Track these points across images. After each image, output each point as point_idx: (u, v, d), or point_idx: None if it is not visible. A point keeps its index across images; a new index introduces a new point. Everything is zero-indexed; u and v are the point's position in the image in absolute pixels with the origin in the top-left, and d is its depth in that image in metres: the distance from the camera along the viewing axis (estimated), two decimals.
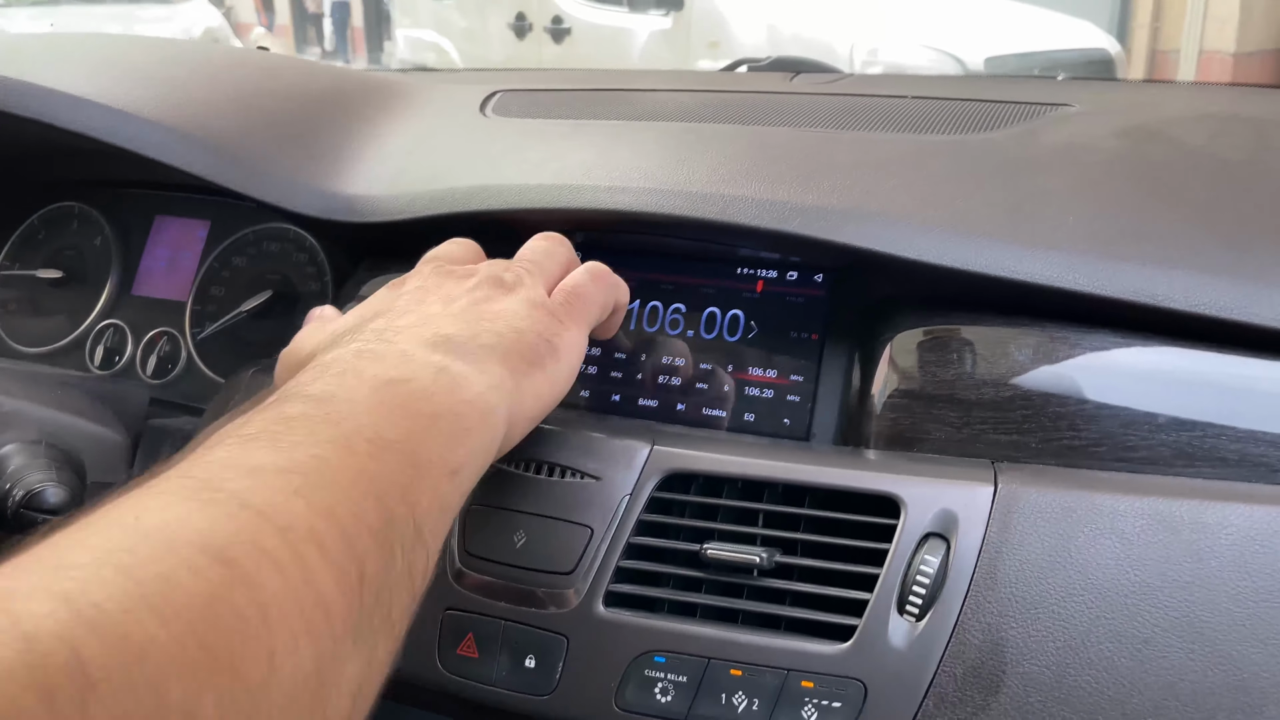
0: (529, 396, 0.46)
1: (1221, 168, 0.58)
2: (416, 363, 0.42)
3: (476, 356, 0.44)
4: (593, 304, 0.52)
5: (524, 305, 0.49)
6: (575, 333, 0.50)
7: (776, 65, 1.00)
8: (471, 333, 0.46)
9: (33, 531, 0.53)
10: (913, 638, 0.46)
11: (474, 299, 0.49)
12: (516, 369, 0.46)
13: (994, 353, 0.54)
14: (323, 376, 0.41)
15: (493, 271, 0.51)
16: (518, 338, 0.47)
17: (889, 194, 0.57)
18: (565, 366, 0.49)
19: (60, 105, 0.63)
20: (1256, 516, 0.44)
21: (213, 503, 0.32)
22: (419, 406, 0.40)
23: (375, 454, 0.37)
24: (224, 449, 0.35)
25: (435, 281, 0.51)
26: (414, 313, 0.47)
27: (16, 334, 0.86)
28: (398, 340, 0.44)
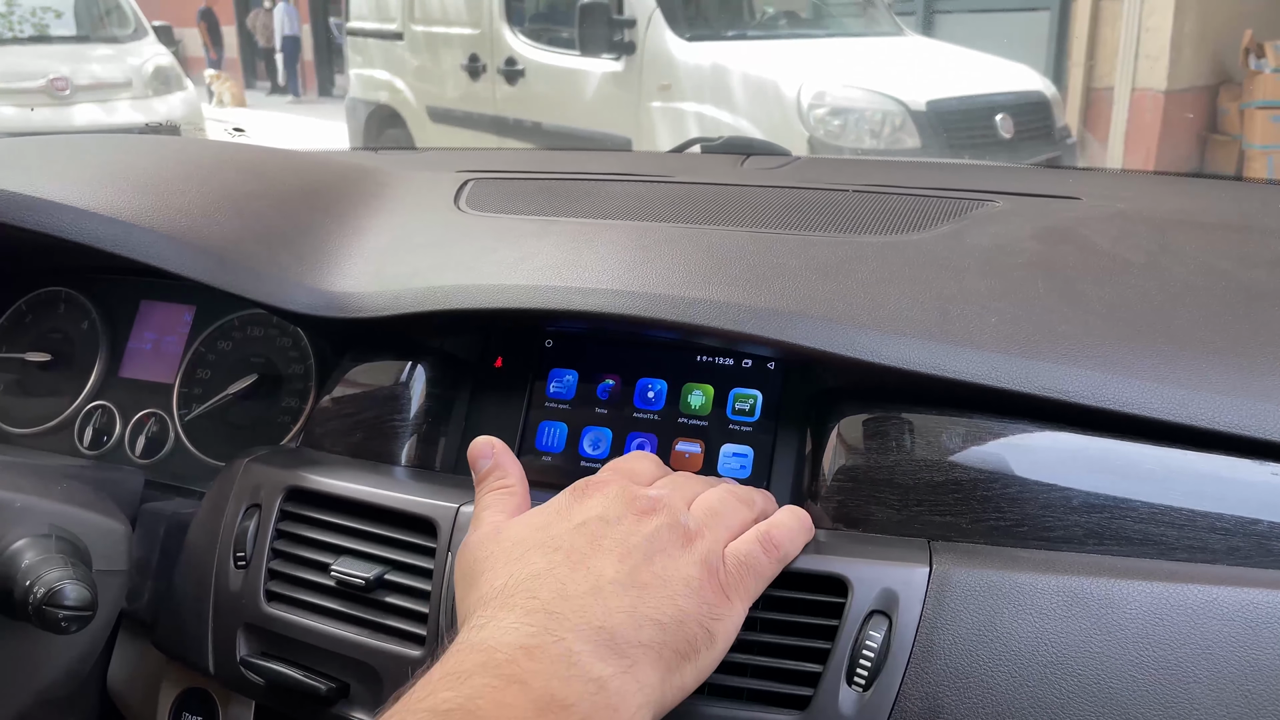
0: (673, 690, 0.48)
1: (1124, 269, 0.65)
2: (578, 679, 0.44)
3: (634, 662, 0.46)
4: (762, 579, 0.53)
5: (697, 569, 0.50)
6: (738, 612, 0.51)
7: (728, 147, 1.07)
8: (635, 620, 0.47)
9: (53, 626, 0.57)
10: (860, 706, 0.51)
11: (651, 549, 0.50)
12: (670, 665, 0.48)
13: (928, 440, 0.60)
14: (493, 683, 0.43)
15: (675, 517, 0.53)
16: (679, 628, 0.48)
17: (832, 297, 0.63)
18: (717, 653, 0.50)
19: (66, 218, 0.68)
20: (1156, 593, 0.51)
21: None
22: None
23: None
24: None
25: (618, 512, 0.52)
26: (585, 570, 0.49)
27: (6, 415, 0.89)
28: (564, 634, 0.46)
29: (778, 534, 0.55)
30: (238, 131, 3.13)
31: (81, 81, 5.98)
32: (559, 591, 0.48)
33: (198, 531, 0.69)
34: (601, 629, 0.47)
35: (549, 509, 0.54)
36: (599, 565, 0.49)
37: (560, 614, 0.47)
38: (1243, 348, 0.59)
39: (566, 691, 0.44)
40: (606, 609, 0.47)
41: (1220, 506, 0.55)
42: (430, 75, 4.89)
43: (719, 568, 0.52)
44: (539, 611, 0.47)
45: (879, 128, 3.59)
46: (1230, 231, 0.74)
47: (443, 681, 0.44)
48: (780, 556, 0.54)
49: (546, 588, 0.48)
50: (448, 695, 0.43)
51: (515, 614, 0.47)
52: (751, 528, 0.55)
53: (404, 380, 0.72)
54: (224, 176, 0.80)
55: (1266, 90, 4.65)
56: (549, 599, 0.48)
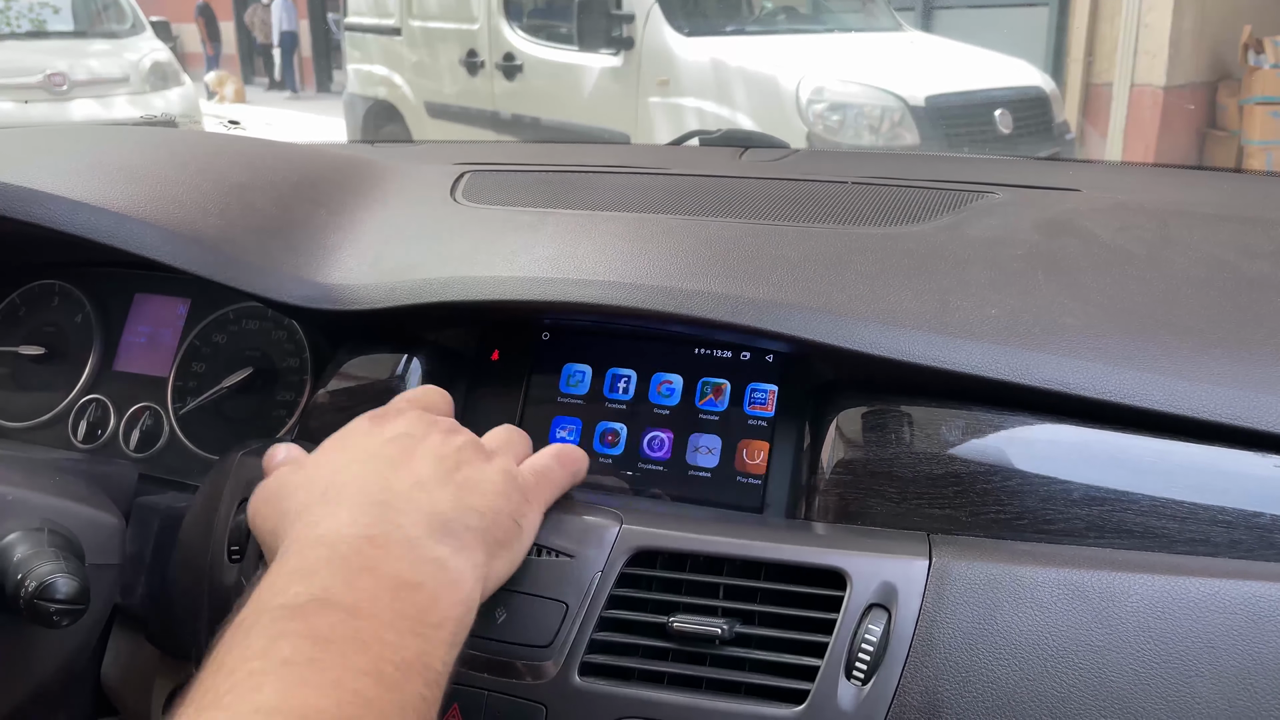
0: (494, 576, 0.52)
1: (1125, 261, 0.65)
2: (422, 558, 0.48)
3: (464, 542, 0.50)
4: (556, 486, 0.58)
5: (501, 477, 0.54)
6: (537, 513, 0.56)
7: (727, 139, 1.07)
8: (460, 510, 0.51)
9: (45, 620, 0.56)
10: (859, 700, 0.51)
11: (460, 460, 0.54)
12: (491, 550, 0.52)
13: (928, 433, 0.59)
14: (342, 572, 0.46)
15: (474, 438, 0.57)
16: (495, 518, 0.52)
17: (831, 289, 0.63)
18: (524, 545, 0.55)
19: (59, 209, 0.67)
20: (1158, 586, 0.50)
21: None
22: (428, 616, 0.46)
23: (402, 682, 0.43)
24: (270, 686, 0.40)
25: (422, 431, 0.56)
26: (406, 471, 0.52)
27: (0, 410, 0.89)
28: (402, 521, 0.49)
29: (569, 452, 0.60)
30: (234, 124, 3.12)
31: (79, 77, 5.97)
32: (385, 486, 0.51)
33: (192, 525, 0.69)
34: (433, 514, 0.50)
35: (348, 432, 0.57)
36: (416, 467, 0.53)
37: (392, 504, 0.50)
38: (1244, 339, 0.58)
39: (414, 572, 0.47)
40: (432, 499, 0.51)
41: (1222, 499, 0.54)
42: (428, 70, 4.88)
43: (518, 475, 0.56)
44: (372, 504, 0.50)
45: (878, 123, 3.59)
46: (1231, 223, 0.73)
47: (291, 578, 0.46)
48: (574, 470, 0.60)
49: (373, 485, 0.51)
50: (300, 589, 0.45)
51: (348, 508, 0.49)
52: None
53: (400, 373, 0.71)
54: (219, 168, 0.80)
55: (1265, 86, 4.65)
56: (377, 493, 0.50)
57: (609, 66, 4.12)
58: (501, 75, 4.51)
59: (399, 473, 0.52)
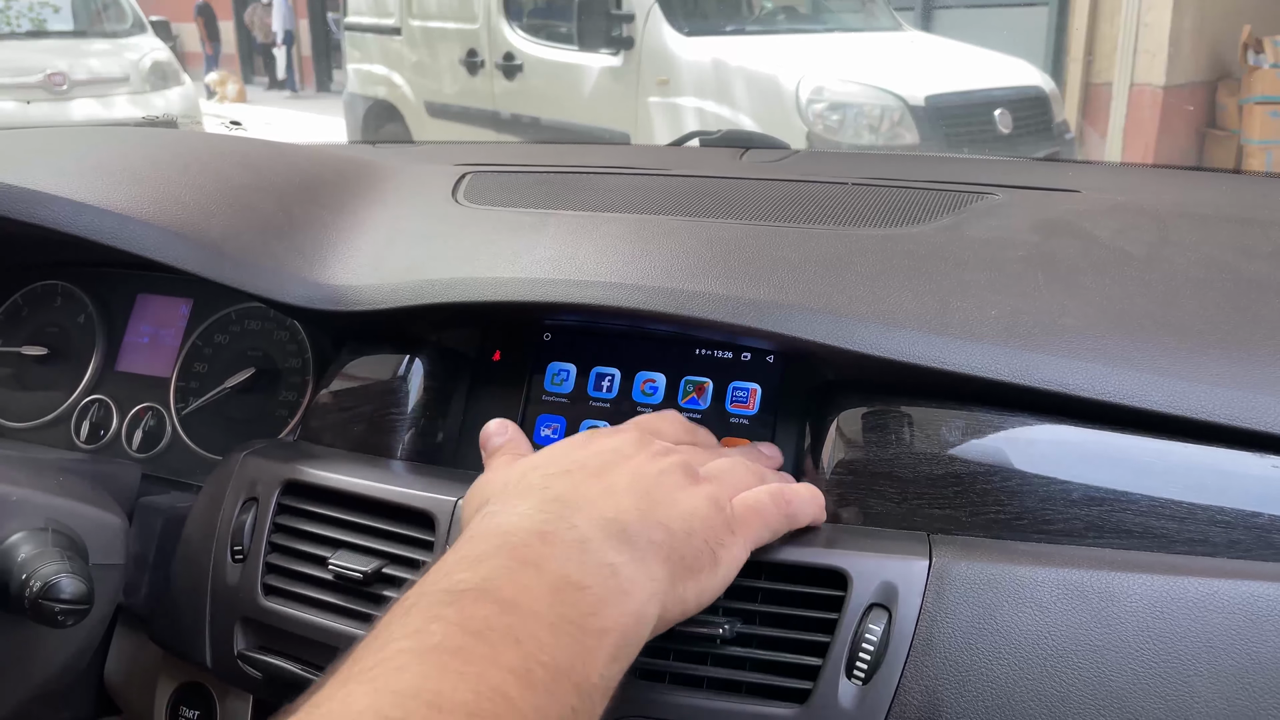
0: (677, 604, 0.49)
1: (1124, 262, 0.65)
2: (591, 561, 0.46)
3: (644, 554, 0.47)
4: (767, 526, 0.54)
5: (705, 503, 0.51)
6: (740, 548, 0.52)
7: (727, 140, 1.07)
8: (645, 523, 0.48)
9: (49, 620, 0.57)
10: (860, 700, 0.51)
11: (661, 481, 0.51)
12: (676, 572, 0.48)
13: (928, 433, 0.60)
14: (508, 565, 0.44)
15: (689, 458, 0.54)
16: (687, 539, 0.49)
17: (831, 289, 0.63)
18: (720, 580, 0.51)
19: (61, 210, 0.67)
20: (1156, 585, 0.50)
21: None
22: (590, 623, 0.44)
23: (550, 685, 0.41)
24: (413, 671, 0.39)
25: (633, 448, 0.54)
26: (600, 480, 0.50)
27: (2, 409, 0.89)
28: (578, 521, 0.47)
29: (789, 492, 0.56)
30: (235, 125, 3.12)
31: (79, 76, 5.96)
32: (573, 488, 0.50)
33: (195, 525, 0.69)
34: (614, 520, 0.48)
35: (563, 442, 0.56)
36: (612, 476, 0.51)
37: (574, 503, 0.48)
38: (1244, 340, 0.58)
39: (582, 574, 0.45)
40: (618, 506, 0.49)
41: (1221, 499, 0.55)
42: (428, 70, 4.88)
43: (726, 506, 0.52)
44: (553, 501, 0.48)
45: (877, 123, 3.59)
46: (1231, 224, 0.73)
47: (458, 564, 0.45)
48: (789, 513, 0.55)
49: (560, 485, 0.50)
50: (464, 576, 0.44)
51: (529, 502, 0.48)
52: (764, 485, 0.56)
53: (402, 374, 0.72)
54: (221, 169, 0.80)
55: (1265, 86, 4.65)
56: (562, 492, 0.49)
57: (609, 66, 4.12)
58: (501, 75, 4.51)
59: (591, 479, 0.50)
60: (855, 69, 3.78)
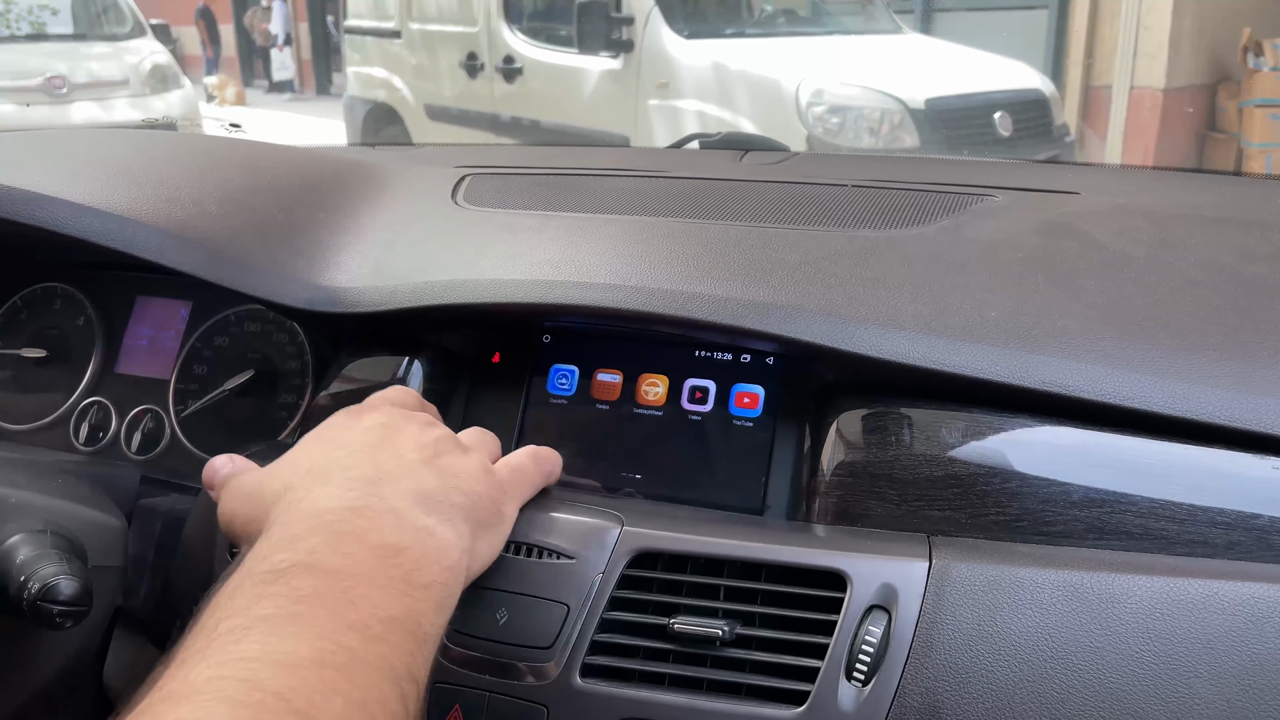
0: (480, 557, 0.53)
1: (1124, 263, 0.65)
2: (408, 526, 0.48)
3: (450, 516, 0.51)
4: (530, 484, 0.59)
5: (479, 469, 0.55)
6: (513, 506, 0.57)
7: (727, 142, 1.07)
8: (445, 488, 0.52)
9: (48, 622, 0.57)
10: (860, 702, 0.51)
11: (439, 449, 0.54)
12: (476, 530, 0.52)
13: (927, 435, 0.60)
14: (328, 539, 0.46)
15: (448, 431, 0.57)
16: (477, 500, 0.53)
17: (830, 291, 0.63)
18: (502, 534, 0.56)
19: (61, 212, 0.67)
20: (1156, 587, 0.50)
21: (263, 707, 0.37)
22: (415, 578, 0.46)
23: (387, 635, 0.43)
24: (252, 640, 0.40)
25: (400, 422, 0.56)
26: (390, 453, 0.53)
27: (1, 412, 0.89)
28: (385, 494, 0.50)
29: (543, 453, 0.61)
30: (234, 127, 3.12)
31: (79, 80, 5.97)
32: (371, 463, 0.51)
33: (194, 527, 0.69)
34: (418, 490, 0.50)
35: (325, 425, 0.57)
36: (399, 449, 0.53)
37: (377, 479, 0.50)
38: (1243, 341, 0.58)
39: (400, 538, 0.47)
40: (417, 478, 0.51)
41: (1220, 501, 0.55)
42: (428, 73, 4.88)
43: (493, 471, 0.56)
44: (357, 479, 0.50)
45: (877, 126, 3.59)
46: (1230, 226, 0.73)
47: (276, 547, 0.46)
48: (547, 470, 0.60)
49: (358, 462, 0.51)
50: (284, 556, 0.45)
51: (334, 485, 0.50)
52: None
53: (401, 376, 0.72)
54: (220, 171, 0.80)
55: (1265, 88, 4.65)
56: (364, 471, 0.51)
57: (609, 69, 4.12)
58: (501, 78, 4.51)
59: (382, 453, 0.53)
60: (855, 72, 3.78)
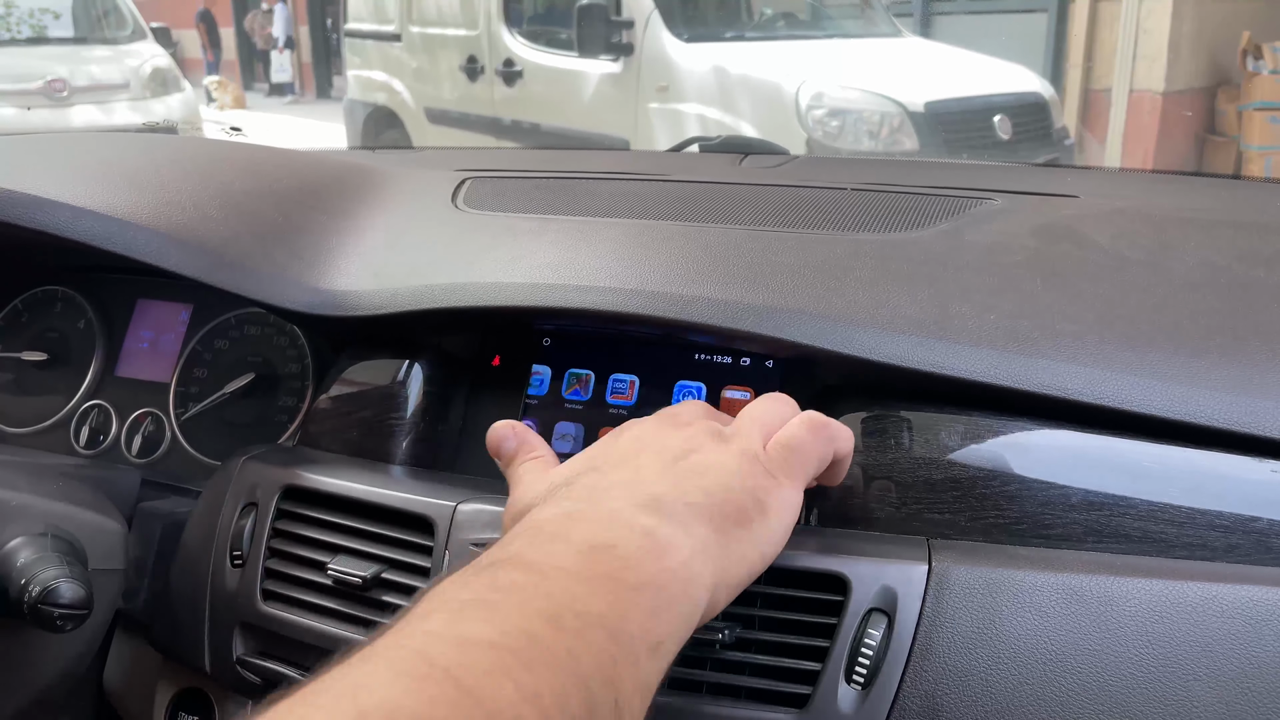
0: (734, 560, 0.46)
1: (1123, 267, 0.65)
2: (622, 525, 0.44)
3: (683, 517, 0.45)
4: (809, 458, 0.52)
5: (737, 458, 0.50)
6: (789, 489, 0.50)
7: (726, 146, 1.07)
8: (680, 490, 0.47)
9: (48, 625, 0.57)
10: (860, 705, 0.51)
11: (687, 449, 0.50)
12: (722, 529, 0.46)
13: (927, 438, 0.60)
14: (535, 540, 0.43)
15: (711, 424, 0.53)
16: (726, 495, 0.47)
17: (830, 294, 0.63)
18: (776, 525, 0.49)
19: (62, 215, 0.68)
20: (1155, 590, 0.50)
21: (428, 679, 0.34)
22: (624, 576, 0.41)
23: (581, 630, 0.38)
24: (438, 618, 0.38)
25: (653, 431, 0.52)
26: (626, 466, 0.49)
27: (2, 415, 0.89)
28: (606, 500, 0.46)
29: (821, 419, 0.54)
30: (235, 131, 3.12)
31: (79, 83, 5.98)
32: (601, 478, 0.49)
33: (194, 530, 0.69)
34: (645, 495, 0.46)
35: (591, 447, 0.54)
36: (638, 462, 0.49)
37: (603, 490, 0.47)
38: (1242, 344, 0.58)
39: (611, 536, 0.43)
40: (648, 484, 0.47)
41: (1219, 504, 0.55)
42: (428, 77, 4.89)
43: (760, 455, 0.51)
44: (584, 490, 0.48)
45: (877, 129, 3.59)
46: (1229, 229, 0.73)
47: (493, 550, 0.44)
48: (828, 435, 0.53)
49: (587, 481, 0.49)
50: (493, 555, 0.43)
51: (557, 500, 0.48)
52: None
53: (401, 379, 0.72)
54: (221, 174, 0.80)
55: (1264, 92, 4.66)
56: (591, 484, 0.48)
57: (609, 72, 4.13)
58: (501, 81, 4.52)
59: (617, 469, 0.49)
60: (855, 75, 3.79)
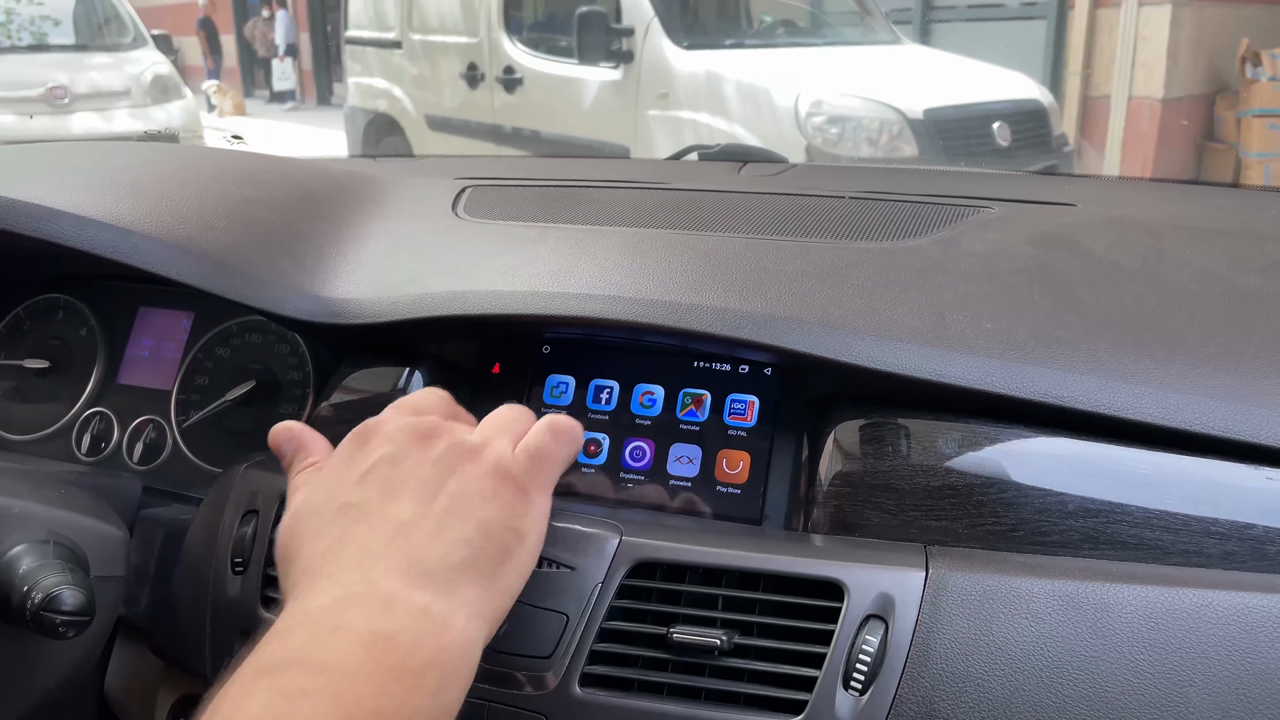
0: (499, 594, 0.51)
1: (1119, 275, 0.65)
2: (400, 610, 0.46)
3: (453, 583, 0.48)
4: (556, 463, 0.56)
5: (491, 479, 0.52)
6: (540, 502, 0.54)
7: (726, 154, 1.08)
8: (444, 550, 0.49)
9: (50, 632, 0.57)
10: (857, 711, 0.51)
11: (442, 477, 0.52)
12: (488, 574, 0.50)
13: (924, 445, 0.60)
14: (316, 634, 0.45)
15: (458, 436, 0.54)
16: (486, 541, 0.50)
17: (828, 302, 0.63)
18: (531, 547, 0.53)
19: (64, 224, 0.68)
20: (1151, 597, 0.51)
21: None
22: (408, 663, 0.45)
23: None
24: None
25: (402, 451, 0.53)
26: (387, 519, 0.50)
27: (4, 422, 0.89)
28: (379, 576, 0.48)
29: (561, 421, 0.57)
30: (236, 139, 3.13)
31: (80, 90, 5.99)
32: (362, 548, 0.49)
33: (195, 537, 0.69)
34: (412, 563, 0.48)
35: (334, 465, 0.55)
36: (395, 510, 0.51)
37: (368, 564, 0.48)
38: (1238, 353, 0.59)
39: (389, 623, 0.46)
40: (412, 547, 0.49)
41: (1215, 511, 0.55)
42: (428, 84, 4.90)
43: (512, 466, 0.53)
44: (348, 568, 0.48)
45: (876, 136, 3.60)
46: (1226, 237, 0.74)
47: (270, 639, 0.46)
48: (570, 438, 0.57)
49: (349, 549, 0.49)
50: (274, 648, 0.45)
51: (325, 579, 0.48)
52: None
53: (402, 386, 0.72)
54: (222, 183, 0.81)
55: (1263, 99, 4.67)
56: (354, 556, 0.49)
57: (609, 80, 4.14)
58: (501, 88, 4.53)
59: (375, 526, 0.50)
60: (854, 82, 3.79)
